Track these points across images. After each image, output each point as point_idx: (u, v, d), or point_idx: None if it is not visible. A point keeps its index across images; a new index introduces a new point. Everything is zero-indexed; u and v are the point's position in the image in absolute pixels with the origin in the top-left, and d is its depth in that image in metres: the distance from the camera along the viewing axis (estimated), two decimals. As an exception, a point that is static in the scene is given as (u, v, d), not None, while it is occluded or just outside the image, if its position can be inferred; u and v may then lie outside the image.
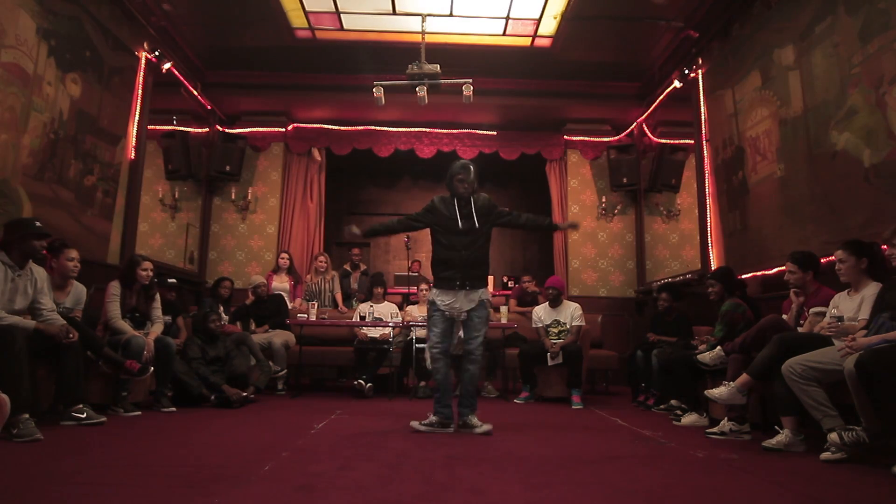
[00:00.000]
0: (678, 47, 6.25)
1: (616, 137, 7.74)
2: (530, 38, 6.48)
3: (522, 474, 2.46)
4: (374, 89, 5.94)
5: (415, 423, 3.52)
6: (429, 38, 5.89)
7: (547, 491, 2.20)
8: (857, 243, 3.17)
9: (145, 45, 5.72)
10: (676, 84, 6.20)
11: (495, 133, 7.91)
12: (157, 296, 4.47)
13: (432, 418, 3.52)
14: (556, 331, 5.28)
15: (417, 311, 6.03)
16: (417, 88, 5.66)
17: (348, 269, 7.28)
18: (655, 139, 7.30)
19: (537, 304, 5.74)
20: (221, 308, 5.77)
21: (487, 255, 3.70)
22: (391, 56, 6.42)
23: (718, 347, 3.75)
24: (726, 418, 3.43)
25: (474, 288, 3.57)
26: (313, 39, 6.53)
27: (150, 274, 4.36)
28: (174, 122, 6.97)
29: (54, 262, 3.88)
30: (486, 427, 3.45)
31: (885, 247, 2.98)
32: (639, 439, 3.38)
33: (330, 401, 5.01)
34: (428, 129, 7.87)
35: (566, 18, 5.98)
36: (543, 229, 4.42)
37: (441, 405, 3.53)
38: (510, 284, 8.46)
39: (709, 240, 5.83)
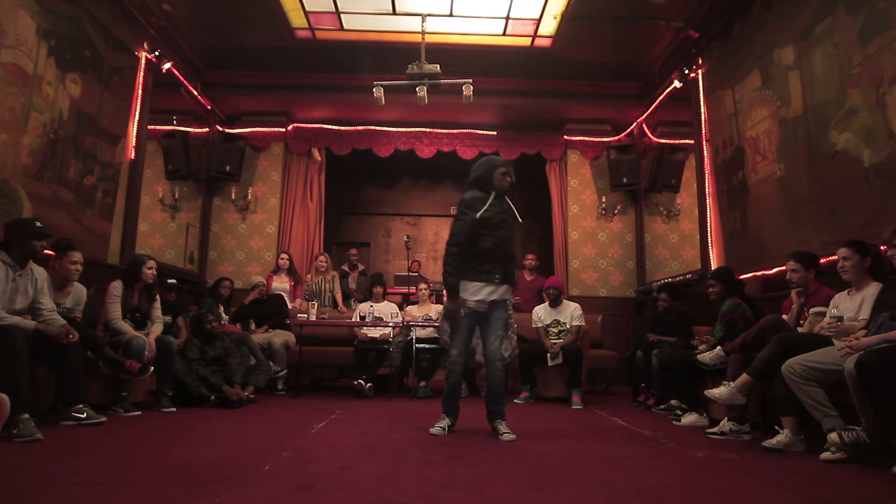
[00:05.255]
0: (678, 47, 6.25)
1: (616, 137, 7.74)
2: (530, 38, 6.48)
3: (522, 474, 2.46)
4: (374, 89, 5.95)
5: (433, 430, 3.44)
6: (429, 38, 5.90)
7: (547, 491, 2.20)
8: (861, 242, 3.18)
9: (145, 45, 5.72)
10: (676, 84, 6.20)
11: (495, 133, 7.91)
12: (158, 296, 4.48)
13: (446, 420, 3.49)
14: (556, 331, 5.28)
15: (417, 311, 6.03)
16: (417, 88, 5.67)
17: (346, 269, 7.29)
18: (655, 139, 7.30)
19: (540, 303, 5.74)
20: (221, 308, 5.77)
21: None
22: (391, 56, 6.43)
23: (718, 347, 3.75)
24: (726, 418, 3.43)
25: (508, 283, 3.52)
26: (313, 39, 6.53)
27: (155, 273, 4.38)
28: (174, 122, 6.96)
29: (57, 262, 3.88)
30: (511, 436, 3.30)
31: (885, 247, 2.98)
32: (639, 439, 3.38)
33: (330, 401, 5.00)
34: (428, 129, 7.87)
35: (566, 18, 5.98)
36: None
37: (450, 406, 3.53)
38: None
39: (709, 240, 5.83)
